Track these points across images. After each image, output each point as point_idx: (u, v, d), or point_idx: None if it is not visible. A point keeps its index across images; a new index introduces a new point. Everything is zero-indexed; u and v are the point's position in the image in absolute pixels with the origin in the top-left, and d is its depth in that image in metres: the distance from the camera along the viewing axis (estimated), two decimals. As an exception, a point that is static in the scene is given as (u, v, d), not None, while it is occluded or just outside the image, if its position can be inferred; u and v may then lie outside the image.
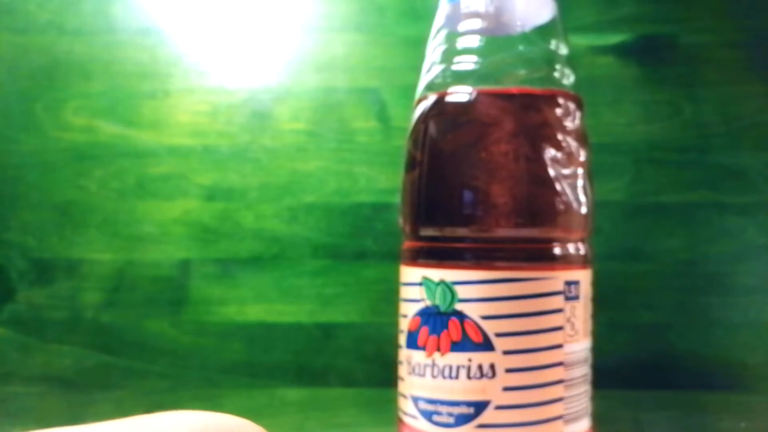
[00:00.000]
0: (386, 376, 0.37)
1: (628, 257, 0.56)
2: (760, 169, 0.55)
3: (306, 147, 0.59)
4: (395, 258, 0.36)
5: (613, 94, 0.56)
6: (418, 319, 0.33)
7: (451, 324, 0.32)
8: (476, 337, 0.31)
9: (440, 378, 0.32)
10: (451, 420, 0.32)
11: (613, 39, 0.56)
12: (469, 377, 0.31)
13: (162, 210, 0.59)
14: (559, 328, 0.32)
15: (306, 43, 0.58)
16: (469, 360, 0.31)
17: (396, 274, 0.35)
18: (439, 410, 0.32)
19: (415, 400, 0.33)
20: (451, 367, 0.32)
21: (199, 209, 0.59)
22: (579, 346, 0.33)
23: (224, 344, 0.59)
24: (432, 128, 0.34)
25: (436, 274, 0.32)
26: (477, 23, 0.34)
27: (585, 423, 0.34)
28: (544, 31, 0.34)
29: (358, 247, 0.58)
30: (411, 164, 0.35)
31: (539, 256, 0.32)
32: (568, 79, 0.34)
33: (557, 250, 0.33)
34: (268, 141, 0.59)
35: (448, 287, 0.32)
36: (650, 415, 0.49)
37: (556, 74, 0.34)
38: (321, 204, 0.59)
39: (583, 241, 0.34)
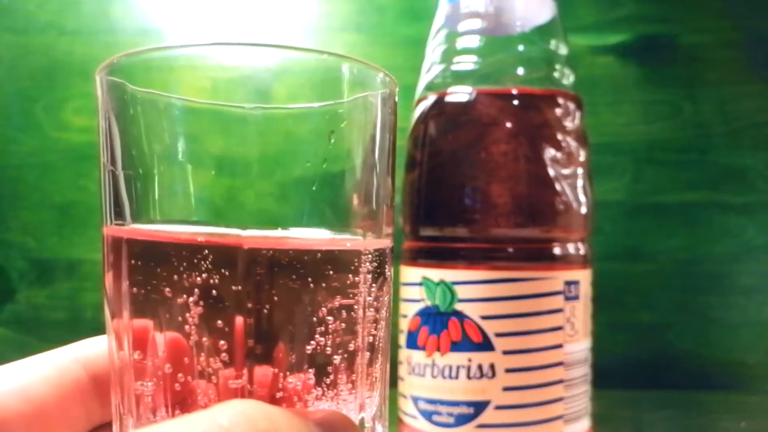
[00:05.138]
0: (386, 376, 0.37)
1: (628, 257, 0.56)
2: (760, 169, 0.55)
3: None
4: (395, 258, 0.36)
5: (612, 94, 0.56)
6: (418, 319, 0.33)
7: (451, 324, 0.32)
8: (476, 337, 0.31)
9: (440, 378, 0.32)
10: (451, 420, 0.32)
11: (613, 39, 0.56)
12: (469, 377, 0.31)
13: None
14: (559, 328, 0.32)
15: (306, 43, 0.58)
16: (469, 360, 0.31)
17: (396, 274, 0.35)
18: (439, 410, 0.32)
19: (415, 400, 0.33)
20: (451, 367, 0.32)
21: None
22: (579, 346, 0.33)
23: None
24: (432, 128, 0.34)
25: (436, 274, 0.32)
26: (477, 23, 0.34)
27: (585, 423, 0.34)
28: (543, 31, 0.34)
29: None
30: (411, 164, 0.35)
31: (539, 256, 0.32)
32: (568, 79, 0.34)
33: (557, 250, 0.33)
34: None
35: (448, 287, 0.32)
36: (650, 415, 0.49)
37: (556, 74, 0.34)
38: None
39: (583, 241, 0.34)
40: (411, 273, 0.34)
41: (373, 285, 0.19)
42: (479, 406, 0.31)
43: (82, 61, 0.58)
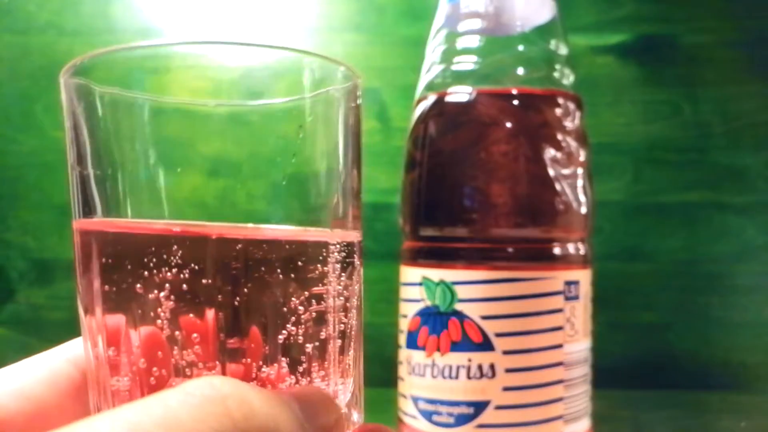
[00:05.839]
0: (386, 376, 0.37)
1: (628, 257, 0.56)
2: (760, 169, 0.55)
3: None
4: (395, 258, 0.36)
5: (612, 94, 0.56)
6: (418, 319, 0.33)
7: (451, 324, 0.32)
8: (476, 337, 0.31)
9: (440, 378, 0.32)
10: (451, 420, 0.32)
11: (613, 39, 0.56)
12: (469, 377, 0.31)
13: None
14: (559, 328, 0.32)
15: (306, 44, 0.58)
16: (469, 360, 0.31)
17: (396, 274, 0.35)
18: (439, 410, 0.32)
19: (415, 400, 0.33)
20: (451, 367, 0.32)
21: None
22: (579, 346, 0.33)
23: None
24: (432, 128, 0.34)
25: (436, 274, 0.32)
26: (477, 23, 0.34)
27: (585, 423, 0.34)
28: (544, 31, 0.34)
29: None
30: (411, 164, 0.35)
31: (539, 256, 0.32)
32: (568, 79, 0.34)
33: (557, 250, 0.33)
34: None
35: (448, 287, 0.32)
36: (650, 415, 0.49)
37: (556, 74, 0.34)
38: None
39: (583, 241, 0.34)
40: (411, 273, 0.34)
41: (342, 274, 0.19)
42: (479, 406, 0.31)
43: (82, 61, 0.58)
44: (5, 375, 0.19)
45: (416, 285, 0.33)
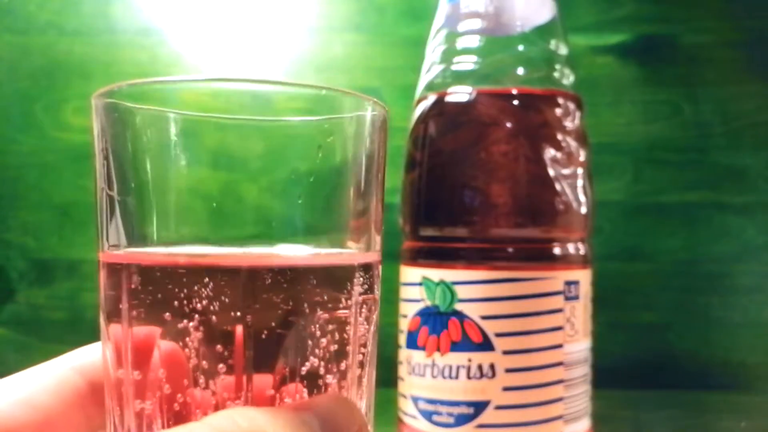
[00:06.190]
0: (386, 376, 0.37)
1: (628, 257, 0.56)
2: (760, 169, 0.55)
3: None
4: (395, 258, 0.36)
5: (612, 94, 0.56)
6: (418, 319, 0.33)
7: (451, 324, 0.32)
8: (476, 337, 0.31)
9: (440, 378, 0.32)
10: (451, 420, 0.32)
11: (613, 39, 0.56)
12: (469, 377, 0.31)
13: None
14: (559, 328, 0.32)
15: (306, 44, 0.58)
16: (469, 360, 0.31)
17: (396, 274, 0.35)
18: (439, 410, 0.32)
19: (415, 400, 0.33)
20: (451, 367, 0.32)
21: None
22: (579, 346, 0.33)
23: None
24: (432, 128, 0.34)
25: (436, 274, 0.32)
26: (477, 23, 0.34)
27: (585, 423, 0.34)
28: (544, 31, 0.34)
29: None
30: (411, 164, 0.35)
31: (539, 256, 0.32)
32: (568, 79, 0.34)
33: (557, 250, 0.33)
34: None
35: (447, 287, 0.32)
36: (650, 415, 0.49)
37: (556, 74, 0.34)
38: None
39: (583, 241, 0.34)
40: (411, 273, 0.34)
41: (365, 304, 0.20)
42: (479, 406, 0.31)
43: (82, 61, 0.58)
44: (11, 384, 0.20)
45: (416, 285, 0.33)
